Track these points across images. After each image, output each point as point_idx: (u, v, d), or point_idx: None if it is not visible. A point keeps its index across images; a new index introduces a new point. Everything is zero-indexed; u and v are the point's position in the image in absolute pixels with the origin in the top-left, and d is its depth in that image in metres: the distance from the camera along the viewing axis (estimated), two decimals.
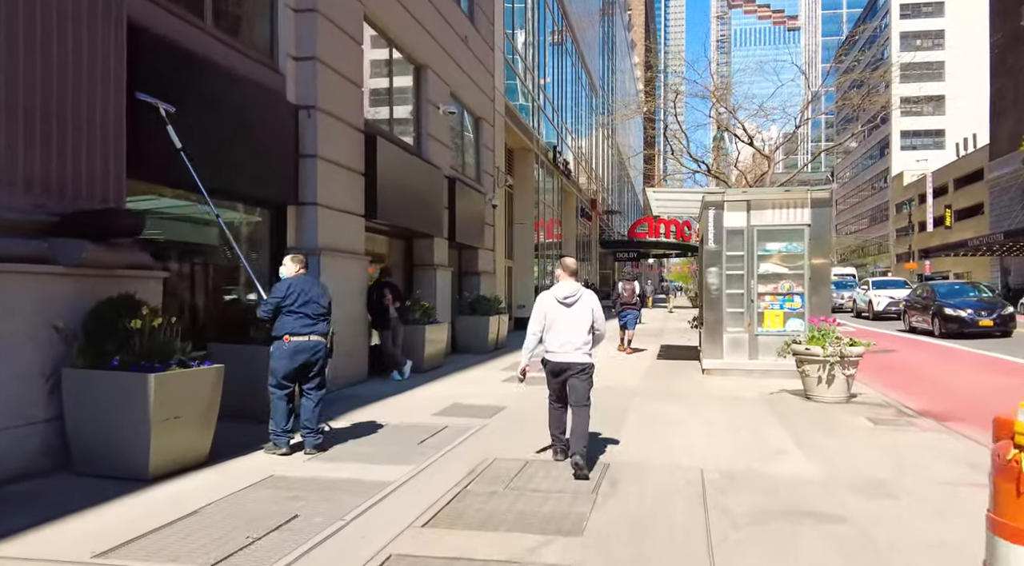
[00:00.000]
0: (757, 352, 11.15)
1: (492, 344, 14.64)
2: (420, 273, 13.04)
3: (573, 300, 5.45)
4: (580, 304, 5.45)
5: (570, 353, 5.40)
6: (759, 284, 11.19)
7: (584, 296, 5.50)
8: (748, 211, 11.25)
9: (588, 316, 5.45)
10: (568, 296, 5.45)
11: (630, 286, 15.26)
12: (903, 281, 28.87)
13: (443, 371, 11.35)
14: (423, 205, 12.32)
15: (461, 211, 14.30)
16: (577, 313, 5.43)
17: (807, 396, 9.10)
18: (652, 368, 12.25)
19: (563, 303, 5.45)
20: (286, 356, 5.91)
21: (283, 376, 5.91)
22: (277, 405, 5.92)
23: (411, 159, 11.95)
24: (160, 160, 6.42)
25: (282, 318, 5.90)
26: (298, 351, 5.95)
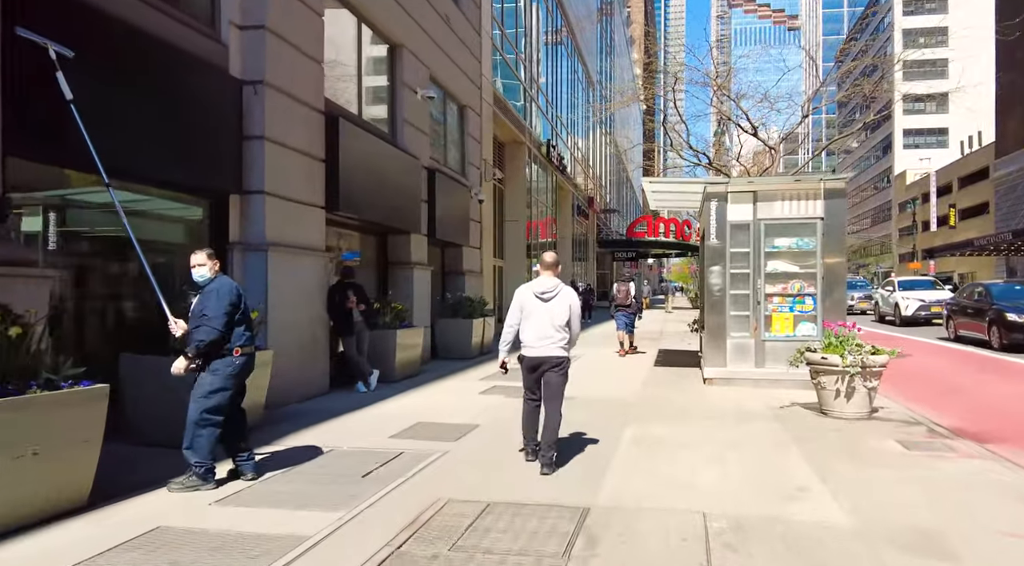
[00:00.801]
0: (764, 359, 10.05)
1: (476, 349, 13.54)
2: (396, 272, 11.94)
3: (551, 295, 5.40)
4: (557, 300, 5.40)
5: (545, 347, 5.38)
6: (766, 284, 10.10)
7: (562, 292, 5.44)
8: (754, 203, 10.15)
9: (565, 312, 5.40)
10: (545, 291, 5.40)
11: (625, 287, 14.43)
12: (931, 281, 25.59)
13: (417, 381, 10.24)
14: (397, 198, 11.23)
15: (443, 205, 13.21)
16: (553, 308, 5.39)
17: (823, 411, 8.00)
18: (649, 376, 11.15)
19: (540, 298, 5.40)
20: (237, 373, 4.92)
21: (231, 398, 4.87)
22: (209, 434, 4.86)
23: (383, 147, 10.85)
24: (49, 125, 5.32)
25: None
26: (248, 367, 5.00)
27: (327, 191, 9.14)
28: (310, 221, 8.81)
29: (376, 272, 11.89)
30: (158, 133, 6.62)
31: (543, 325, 5.37)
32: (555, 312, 5.38)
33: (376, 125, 11.16)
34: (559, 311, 5.39)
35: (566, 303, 5.43)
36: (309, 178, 8.80)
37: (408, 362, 10.45)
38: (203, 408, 4.83)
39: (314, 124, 8.93)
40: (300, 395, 8.44)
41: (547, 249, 27.04)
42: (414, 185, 11.89)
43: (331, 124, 9.19)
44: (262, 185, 7.85)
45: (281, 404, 7.98)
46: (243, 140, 7.80)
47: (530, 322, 5.42)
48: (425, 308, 12.50)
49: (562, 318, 5.39)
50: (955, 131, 72.41)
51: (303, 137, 8.65)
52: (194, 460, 4.86)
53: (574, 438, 6.69)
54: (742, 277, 10.19)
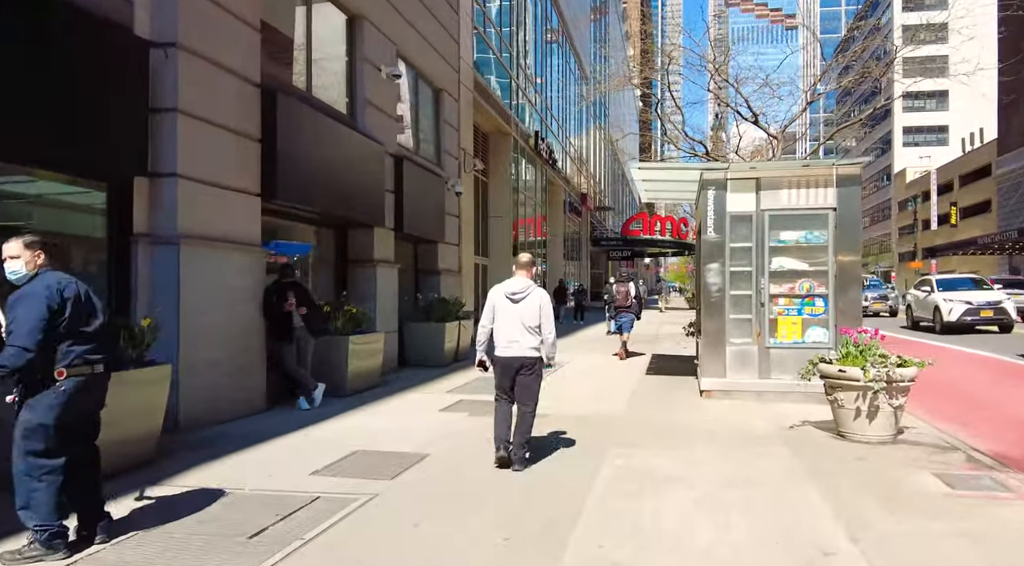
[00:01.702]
0: (769, 369, 8.84)
1: (450, 355, 12.30)
2: (357, 270, 10.70)
3: (521, 296, 5.38)
4: (527, 300, 5.37)
5: (515, 348, 5.37)
6: (771, 284, 8.89)
7: (532, 293, 5.41)
8: (757, 191, 8.93)
9: (535, 313, 5.36)
10: (516, 292, 5.39)
11: (624, 288, 13.60)
12: (972, 279, 21.76)
13: (375, 394, 8.99)
14: (357, 187, 9.98)
15: (413, 197, 11.97)
16: (523, 309, 5.37)
17: (840, 433, 6.78)
18: (639, 387, 9.91)
19: (510, 298, 5.39)
20: (64, 404, 3.64)
21: (63, 436, 3.62)
22: (47, 486, 3.63)
23: (339, 129, 9.61)
24: None
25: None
26: (85, 393, 3.73)
27: (264, 176, 7.90)
28: (241, 210, 7.57)
29: (335, 270, 10.65)
30: (38, 103, 5.40)
31: (513, 326, 5.35)
32: (525, 313, 5.35)
33: (331, 105, 9.91)
34: (529, 312, 5.35)
35: (536, 304, 5.37)
36: (240, 161, 7.55)
37: (365, 373, 9.21)
38: (26, 452, 3.59)
39: (247, 98, 7.69)
40: (228, 414, 7.20)
41: (537, 247, 25.84)
42: (377, 173, 10.65)
43: (268, 98, 7.94)
44: (175, 166, 6.60)
45: (201, 426, 6.75)
46: (152, 113, 6.56)
47: (501, 323, 5.41)
48: (391, 311, 11.26)
49: (532, 319, 5.36)
50: (955, 128, 71.45)
51: (232, 112, 7.41)
52: (33, 523, 3.63)
53: (542, 469, 5.47)
54: (743, 276, 8.98)
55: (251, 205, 7.75)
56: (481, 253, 19.39)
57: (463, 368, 11.79)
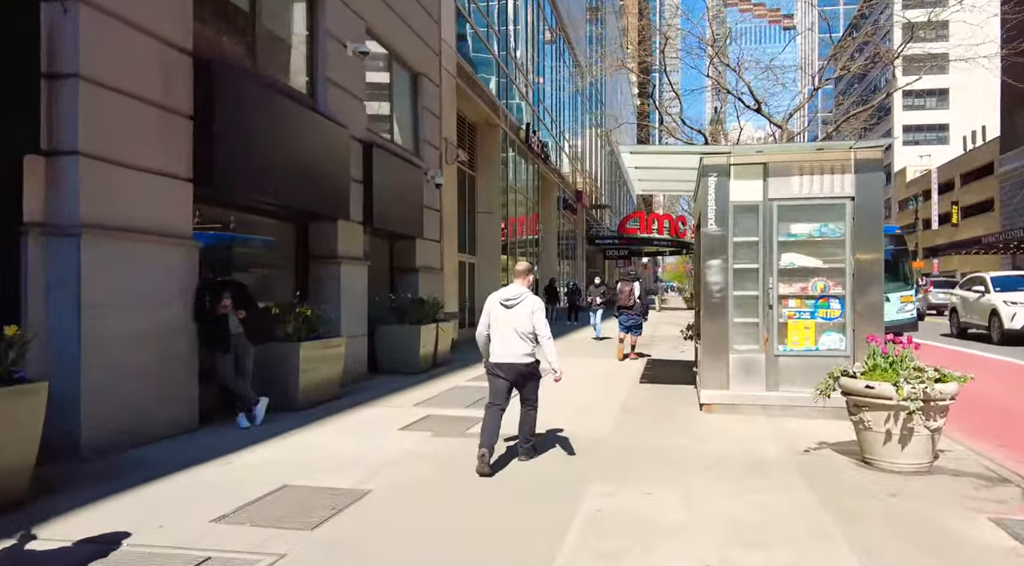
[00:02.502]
0: (777, 380, 7.80)
1: (426, 361, 11.23)
2: (319, 268, 9.64)
3: (514, 303, 5.50)
4: (520, 307, 5.48)
5: (509, 354, 5.46)
6: (781, 283, 7.86)
7: (525, 299, 5.52)
8: (764, 178, 7.90)
9: (527, 320, 5.45)
10: (509, 298, 5.51)
11: (628, 287, 12.91)
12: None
13: (331, 408, 7.93)
14: (316, 174, 8.92)
15: (385, 188, 10.91)
16: (517, 315, 5.46)
17: (865, 459, 5.75)
18: (631, 398, 8.86)
19: (504, 305, 5.51)
20: None
21: None
22: None
23: (294, 108, 8.55)
24: None
25: None
26: None
27: (198, 159, 6.83)
28: (167, 197, 6.50)
29: (295, 268, 9.58)
30: None
31: (507, 332, 5.46)
32: (517, 320, 5.45)
33: (285, 82, 8.83)
34: (522, 319, 5.45)
35: (528, 310, 5.47)
36: (166, 140, 6.48)
37: (321, 384, 8.14)
38: None
39: (176, 68, 6.61)
40: (147, 435, 6.14)
41: (529, 246, 24.77)
42: (341, 160, 9.58)
43: (204, 70, 6.87)
44: (75, 143, 5.53)
45: (110, 451, 5.69)
46: (46, 79, 5.48)
47: (496, 329, 5.51)
48: (358, 312, 10.19)
49: (524, 326, 5.45)
50: (956, 127, 70.61)
51: (155, 82, 6.34)
52: None
53: (504, 515, 4.41)
54: (749, 274, 7.95)
55: (180, 192, 6.68)
56: (468, 251, 18.33)
57: (441, 375, 10.73)
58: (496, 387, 5.52)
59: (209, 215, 7.85)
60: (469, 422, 7.17)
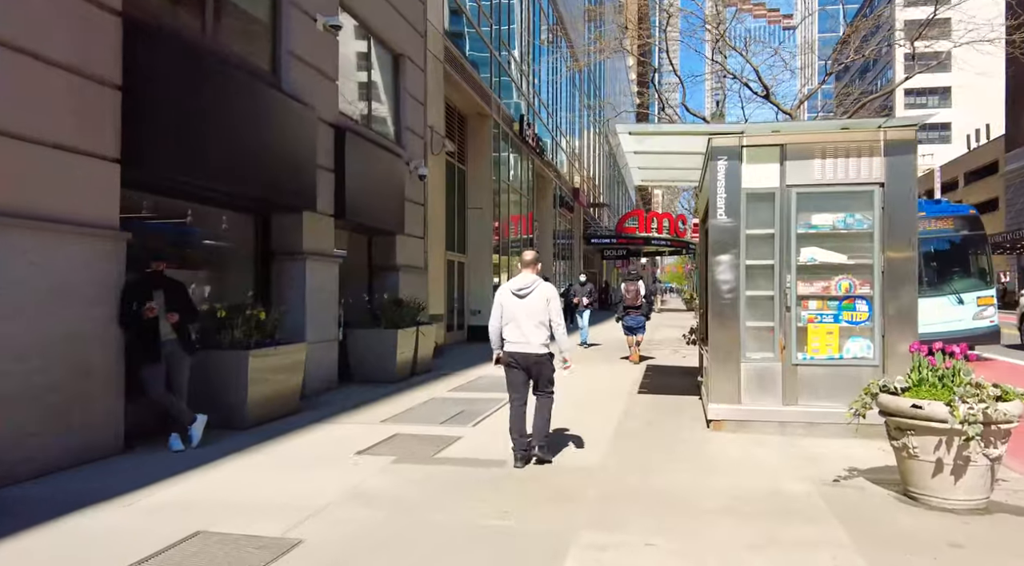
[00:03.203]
0: (797, 393, 6.83)
1: (404, 370, 10.24)
2: (282, 266, 8.65)
3: (527, 292, 5.44)
4: (534, 295, 5.43)
5: (525, 344, 5.41)
6: (800, 282, 6.90)
7: (538, 287, 5.46)
8: (782, 161, 6.94)
9: (542, 307, 5.42)
10: (522, 288, 5.45)
11: (634, 286, 12.51)
12: None
13: (284, 426, 6.93)
14: (277, 160, 7.95)
15: (360, 177, 9.93)
16: (531, 304, 5.42)
17: (908, 492, 4.78)
18: (628, 414, 7.88)
19: (516, 294, 5.46)
20: None
21: None
22: None
23: (251, 84, 7.58)
24: None
25: None
26: None
27: (126, 137, 5.84)
28: (84, 180, 5.51)
29: (255, 265, 8.60)
30: None
31: (521, 321, 5.41)
32: (532, 308, 5.41)
33: (239, 53, 7.84)
34: (536, 307, 5.41)
35: (543, 298, 5.43)
36: (85, 112, 5.50)
37: (274, 397, 7.15)
38: None
39: (100, 29, 5.63)
40: (50, 463, 5.16)
41: (523, 245, 23.78)
42: (307, 145, 8.60)
43: (134, 34, 5.89)
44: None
45: (21, 480, 4.70)
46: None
47: (510, 319, 5.46)
48: (327, 315, 9.20)
49: (539, 314, 5.41)
50: (958, 125, 69.75)
51: (68, 44, 5.36)
52: None
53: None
54: (763, 271, 6.99)
55: (103, 174, 5.69)
56: (457, 248, 17.36)
57: (420, 385, 9.74)
58: (513, 379, 5.52)
59: (151, 204, 6.88)
60: (441, 443, 6.19)
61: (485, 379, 10.29)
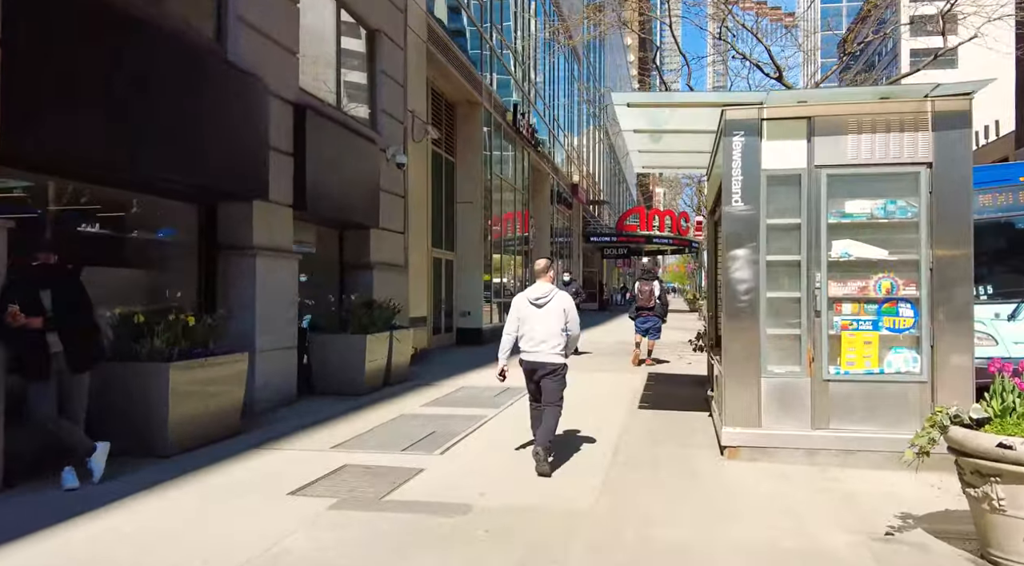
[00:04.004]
0: (828, 414, 5.72)
1: (375, 380, 9.11)
2: (229, 262, 7.54)
3: (545, 301, 5.46)
4: (551, 304, 5.45)
5: (541, 353, 5.42)
6: (832, 281, 5.80)
7: (556, 297, 5.50)
8: (809, 138, 5.82)
9: (560, 317, 5.44)
10: (540, 297, 5.47)
11: (648, 287, 11.90)
12: None
13: (213, 454, 5.80)
14: (219, 140, 6.85)
15: (325, 163, 8.83)
16: (548, 314, 5.43)
17: (990, 557, 3.69)
18: (626, 437, 6.75)
19: (534, 304, 5.48)
20: None
21: None
22: None
23: (188, 51, 6.46)
24: None
25: None
26: None
27: (6, 105, 4.72)
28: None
29: (199, 262, 7.49)
30: None
31: (538, 331, 5.42)
32: (550, 317, 5.41)
33: (174, 15, 6.71)
34: (554, 316, 5.41)
35: (560, 307, 5.45)
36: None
37: (204, 417, 6.02)
38: None
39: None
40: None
41: (518, 243, 22.65)
42: (256, 123, 7.48)
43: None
44: None
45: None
46: None
47: (526, 328, 5.48)
48: (284, 318, 8.08)
49: (558, 323, 5.41)
50: None
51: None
52: None
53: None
54: (787, 269, 5.88)
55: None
56: (445, 246, 16.24)
57: (390, 398, 8.62)
58: (530, 386, 5.59)
59: (70, 191, 5.77)
60: (397, 477, 5.07)
61: (466, 391, 9.18)
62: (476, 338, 16.50)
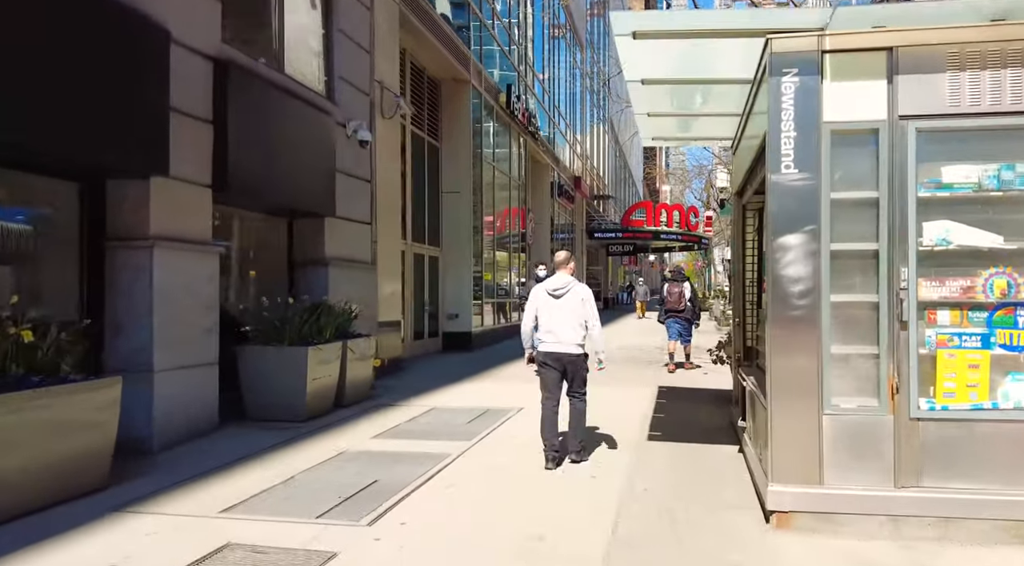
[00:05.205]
0: (919, 465, 4.05)
1: (323, 401, 7.42)
2: (116, 258, 5.88)
3: (563, 292, 5.48)
4: (569, 295, 5.47)
5: (558, 344, 5.44)
6: (923, 279, 4.11)
7: (574, 288, 5.51)
8: (890, 77, 4.13)
9: (578, 307, 5.46)
10: (557, 288, 5.49)
11: (678, 288, 11.49)
12: None
13: (45, 525, 4.13)
14: (98, 99, 5.20)
15: (258, 134, 7.17)
16: (567, 304, 5.45)
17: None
18: (635, 487, 5.05)
19: (552, 295, 5.49)
20: None
21: None
22: None
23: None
24: None
25: None
26: None
27: None
28: None
29: (80, 257, 5.83)
30: None
31: (555, 322, 5.44)
32: (568, 308, 5.44)
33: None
34: (573, 307, 5.44)
35: (578, 298, 5.46)
36: None
37: (42, 473, 4.33)
38: None
39: None
40: None
41: (514, 239, 20.90)
42: (151, 78, 5.80)
43: None
44: None
45: None
46: None
47: (544, 319, 5.49)
48: (195, 328, 6.40)
49: (576, 314, 5.44)
50: None
51: None
52: None
53: None
54: (860, 262, 4.21)
55: None
56: (429, 241, 14.55)
57: (340, 424, 6.93)
58: (547, 378, 5.50)
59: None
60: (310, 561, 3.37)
61: (436, 414, 7.50)
62: (465, 343, 14.82)
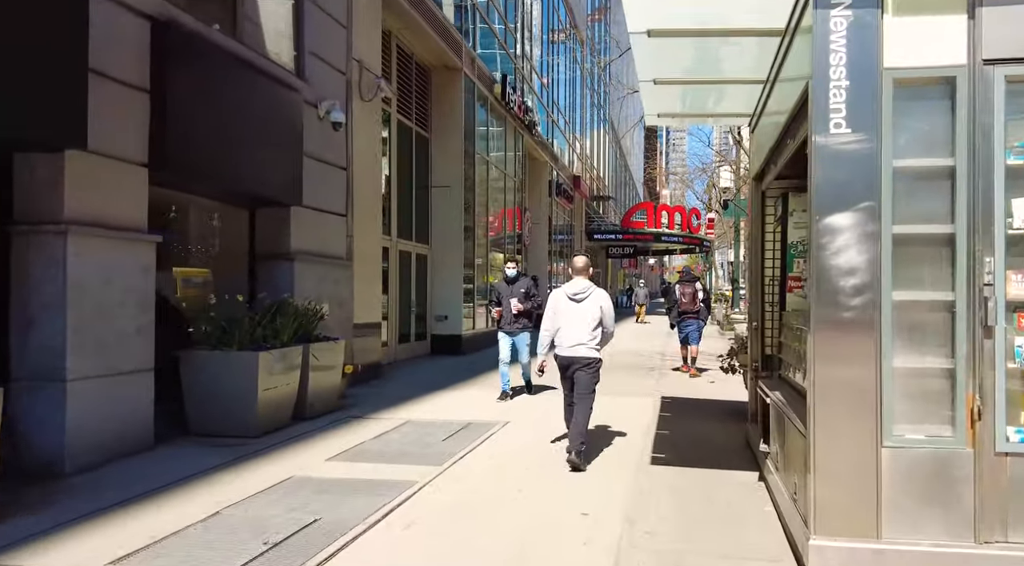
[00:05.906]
0: (1005, 513, 3.10)
1: (279, 414, 6.47)
2: (28, 251, 4.94)
3: (583, 296, 5.53)
4: (589, 301, 5.51)
5: (575, 348, 5.47)
6: (1012, 273, 3.16)
7: (594, 294, 5.56)
8: (972, 10, 3.17)
9: (596, 313, 5.50)
10: (578, 293, 5.53)
11: (690, 289, 11.31)
12: None
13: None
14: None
15: (206, 108, 6.26)
16: (585, 309, 5.49)
17: None
18: (634, 532, 4.11)
19: (573, 299, 5.54)
20: None
21: None
22: None
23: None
24: None
25: None
26: None
27: None
28: None
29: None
30: None
31: (574, 326, 5.48)
32: (588, 313, 5.47)
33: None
34: (590, 312, 5.47)
35: (597, 304, 5.51)
36: None
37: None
38: None
39: None
40: None
41: (510, 240, 19.97)
42: (62, 32, 4.87)
43: None
44: None
45: None
46: None
47: (563, 323, 5.54)
48: (124, 330, 5.46)
49: (594, 319, 5.47)
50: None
51: None
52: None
53: None
54: (930, 249, 3.28)
55: None
56: (417, 237, 13.62)
57: (296, 441, 5.99)
58: (565, 381, 5.60)
59: None
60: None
61: (409, 428, 6.57)
62: (455, 347, 13.88)
